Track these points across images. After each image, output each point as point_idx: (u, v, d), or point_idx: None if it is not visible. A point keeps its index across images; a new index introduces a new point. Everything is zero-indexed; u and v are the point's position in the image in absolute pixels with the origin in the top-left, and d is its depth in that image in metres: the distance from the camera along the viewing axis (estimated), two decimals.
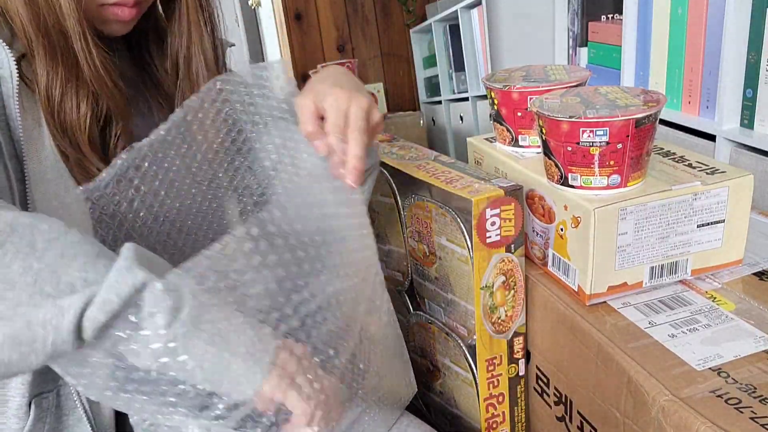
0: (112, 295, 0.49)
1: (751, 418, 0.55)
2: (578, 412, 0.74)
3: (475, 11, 2.10)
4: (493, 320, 0.79)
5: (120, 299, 0.49)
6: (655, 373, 0.62)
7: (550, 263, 0.80)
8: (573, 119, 0.70)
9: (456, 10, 2.17)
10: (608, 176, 0.72)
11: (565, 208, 0.74)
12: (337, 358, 0.61)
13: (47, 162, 0.65)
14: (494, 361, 0.81)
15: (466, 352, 0.83)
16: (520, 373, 0.84)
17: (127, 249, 0.52)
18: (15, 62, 0.61)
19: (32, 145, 0.64)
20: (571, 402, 0.76)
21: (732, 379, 0.60)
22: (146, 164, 0.66)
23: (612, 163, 0.71)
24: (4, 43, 0.61)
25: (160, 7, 0.76)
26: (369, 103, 0.66)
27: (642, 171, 0.73)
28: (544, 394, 0.82)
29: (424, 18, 2.63)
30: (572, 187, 0.74)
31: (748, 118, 1.14)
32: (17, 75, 0.61)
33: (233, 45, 0.91)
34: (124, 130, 0.69)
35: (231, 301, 0.54)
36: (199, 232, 0.74)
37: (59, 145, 0.65)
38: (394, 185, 0.88)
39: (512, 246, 0.77)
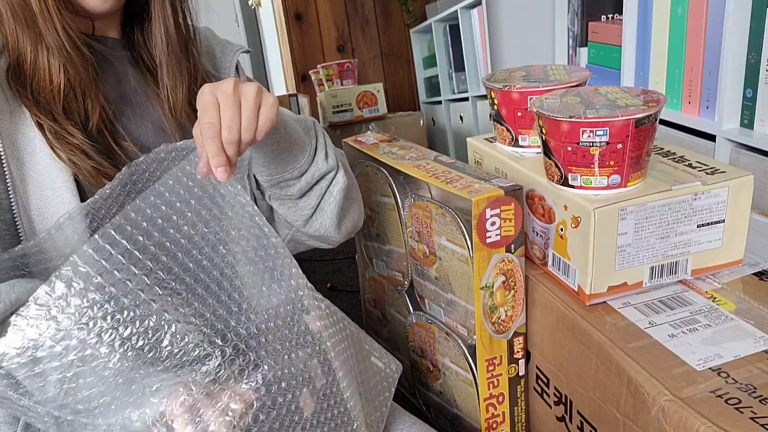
0: None
1: (751, 418, 0.55)
2: (578, 412, 0.74)
3: (475, 11, 2.10)
4: (493, 320, 0.79)
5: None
6: (655, 373, 0.62)
7: (550, 263, 0.80)
8: (573, 119, 0.70)
9: (456, 10, 2.17)
10: (608, 176, 0.72)
11: (565, 208, 0.74)
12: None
13: (37, 167, 0.65)
14: (494, 361, 0.81)
15: (466, 352, 0.83)
16: (520, 373, 0.84)
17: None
18: None
19: (16, 150, 0.65)
20: (571, 402, 0.75)
21: (732, 379, 0.60)
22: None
23: (612, 163, 0.71)
24: None
25: None
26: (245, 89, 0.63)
27: (642, 171, 0.73)
28: (544, 394, 0.82)
29: (424, 18, 2.63)
30: (572, 187, 0.74)
31: (748, 118, 1.14)
32: None
33: (249, 51, 0.91)
34: (94, 103, 0.69)
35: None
36: None
37: (35, 116, 0.66)
38: (394, 185, 0.88)
39: (512, 246, 0.77)
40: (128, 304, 0.55)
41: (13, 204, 0.64)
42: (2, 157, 0.64)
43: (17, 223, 0.65)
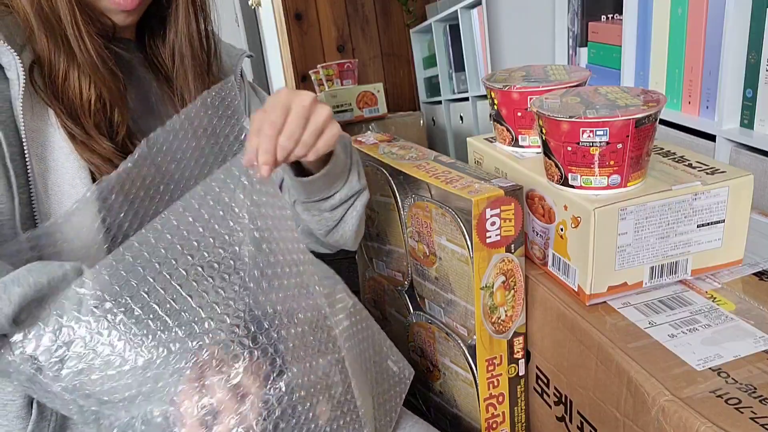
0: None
1: (751, 418, 0.55)
2: (578, 412, 0.74)
3: (475, 11, 2.10)
4: (493, 320, 0.79)
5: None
6: (655, 373, 0.62)
7: (550, 263, 0.80)
8: (573, 119, 0.70)
9: (456, 10, 2.17)
10: (608, 176, 0.72)
11: (565, 208, 0.74)
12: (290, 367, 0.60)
13: (56, 163, 0.67)
14: (494, 361, 0.81)
15: (466, 352, 0.83)
16: (520, 373, 0.84)
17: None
18: (22, 68, 0.65)
19: (37, 147, 0.66)
20: (571, 402, 0.75)
21: (732, 379, 0.60)
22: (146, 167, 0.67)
23: (612, 163, 0.71)
24: (13, 50, 0.64)
25: None
26: (309, 99, 0.64)
27: (642, 171, 0.73)
28: (544, 394, 0.82)
29: (424, 18, 2.62)
30: (572, 187, 0.74)
31: (748, 118, 1.14)
32: (24, 78, 0.65)
33: (252, 56, 0.91)
34: (122, 117, 0.71)
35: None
36: None
37: (66, 126, 0.67)
38: (394, 185, 0.88)
39: (512, 246, 0.77)
40: (162, 304, 0.55)
41: (33, 197, 0.65)
42: (25, 152, 0.65)
43: (35, 217, 0.66)
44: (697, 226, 0.74)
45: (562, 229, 0.76)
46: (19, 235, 0.64)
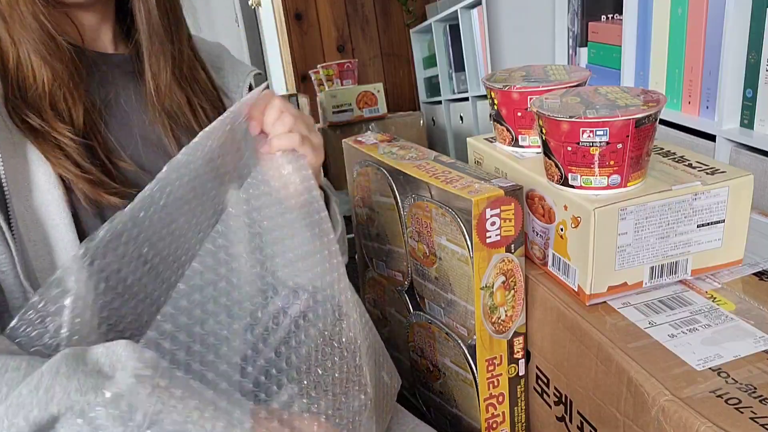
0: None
1: (751, 418, 0.55)
2: (578, 412, 0.74)
3: (475, 11, 2.10)
4: (493, 320, 0.79)
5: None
6: (655, 373, 0.62)
7: (550, 263, 0.80)
8: (573, 119, 0.70)
9: (456, 10, 2.17)
10: (608, 176, 0.72)
11: (565, 208, 0.74)
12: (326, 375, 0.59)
13: (37, 202, 0.64)
14: (494, 361, 0.81)
15: (466, 352, 0.83)
16: (520, 373, 0.84)
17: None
18: None
19: (18, 185, 0.64)
20: (571, 402, 0.75)
21: (732, 379, 0.60)
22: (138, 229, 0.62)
23: (612, 163, 0.71)
24: None
25: None
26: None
27: (642, 171, 0.73)
28: (544, 394, 0.82)
29: (424, 18, 2.63)
30: (572, 187, 0.74)
31: (748, 118, 1.14)
32: None
33: (260, 73, 0.91)
34: (79, 100, 0.69)
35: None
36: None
37: (25, 118, 0.65)
38: (394, 185, 0.88)
39: (512, 246, 0.77)
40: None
41: (15, 236, 0.63)
42: (5, 191, 0.63)
43: (14, 256, 0.62)
44: (697, 226, 0.74)
45: (562, 229, 0.76)
46: (27, 291, 0.61)
